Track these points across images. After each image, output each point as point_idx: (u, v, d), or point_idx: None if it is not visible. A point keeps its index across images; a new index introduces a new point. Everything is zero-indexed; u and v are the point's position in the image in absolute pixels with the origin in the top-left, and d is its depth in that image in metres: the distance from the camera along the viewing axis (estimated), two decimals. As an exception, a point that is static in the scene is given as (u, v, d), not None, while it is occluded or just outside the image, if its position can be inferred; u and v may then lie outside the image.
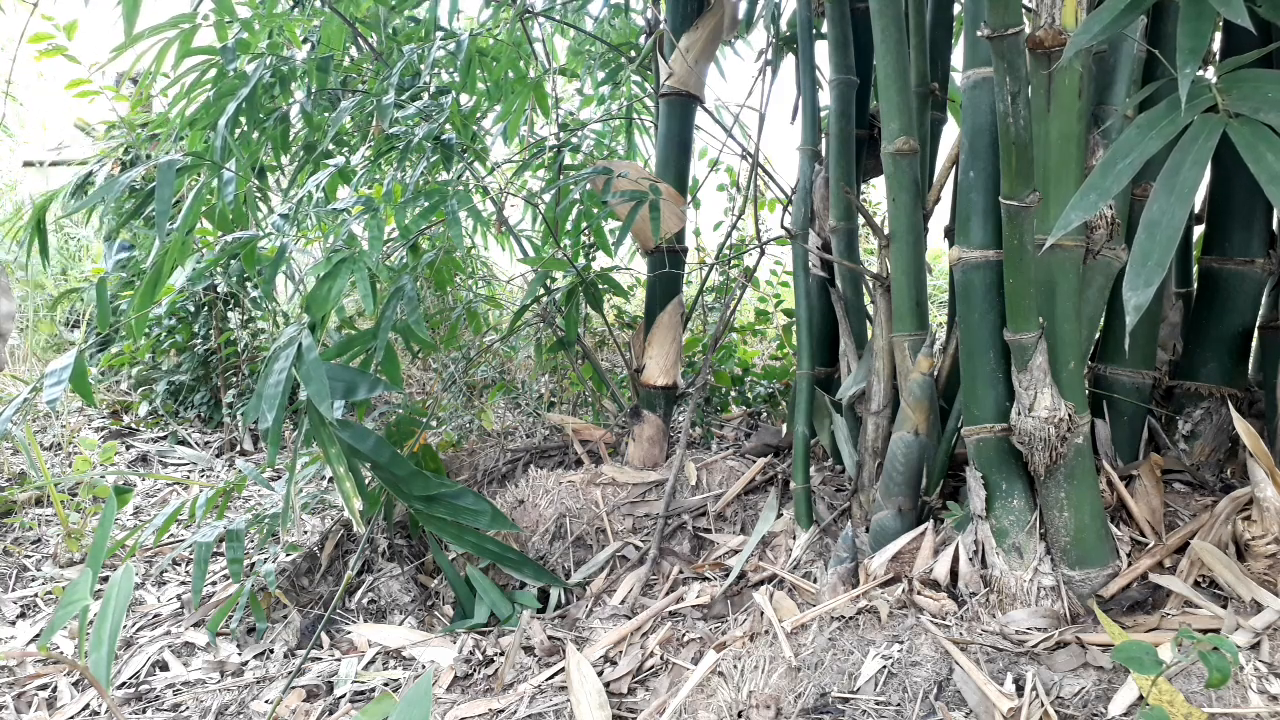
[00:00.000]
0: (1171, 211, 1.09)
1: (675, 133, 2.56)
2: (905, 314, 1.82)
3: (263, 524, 2.37)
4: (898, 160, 1.79)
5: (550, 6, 2.98)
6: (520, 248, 2.81)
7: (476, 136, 2.62)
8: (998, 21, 1.24)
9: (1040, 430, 1.46)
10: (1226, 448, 1.85)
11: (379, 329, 2.04)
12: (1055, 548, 1.56)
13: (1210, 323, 1.85)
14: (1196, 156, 1.09)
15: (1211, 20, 1.12)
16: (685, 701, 1.53)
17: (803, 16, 2.27)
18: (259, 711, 1.81)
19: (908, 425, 1.78)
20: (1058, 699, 1.32)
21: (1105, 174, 1.15)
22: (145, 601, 2.35)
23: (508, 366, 3.54)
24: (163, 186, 1.90)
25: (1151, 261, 1.08)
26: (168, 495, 3.17)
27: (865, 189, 2.57)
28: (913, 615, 1.55)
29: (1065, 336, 1.48)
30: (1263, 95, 1.10)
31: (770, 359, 3.80)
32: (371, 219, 1.90)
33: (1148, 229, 1.10)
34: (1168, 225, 1.09)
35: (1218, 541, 1.54)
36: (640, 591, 2.07)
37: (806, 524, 2.04)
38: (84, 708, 1.86)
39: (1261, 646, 1.33)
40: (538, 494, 2.37)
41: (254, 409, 1.75)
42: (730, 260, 3.36)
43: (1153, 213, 1.10)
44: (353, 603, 2.23)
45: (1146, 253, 1.09)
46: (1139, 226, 1.11)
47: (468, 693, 1.79)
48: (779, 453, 2.45)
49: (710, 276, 3.40)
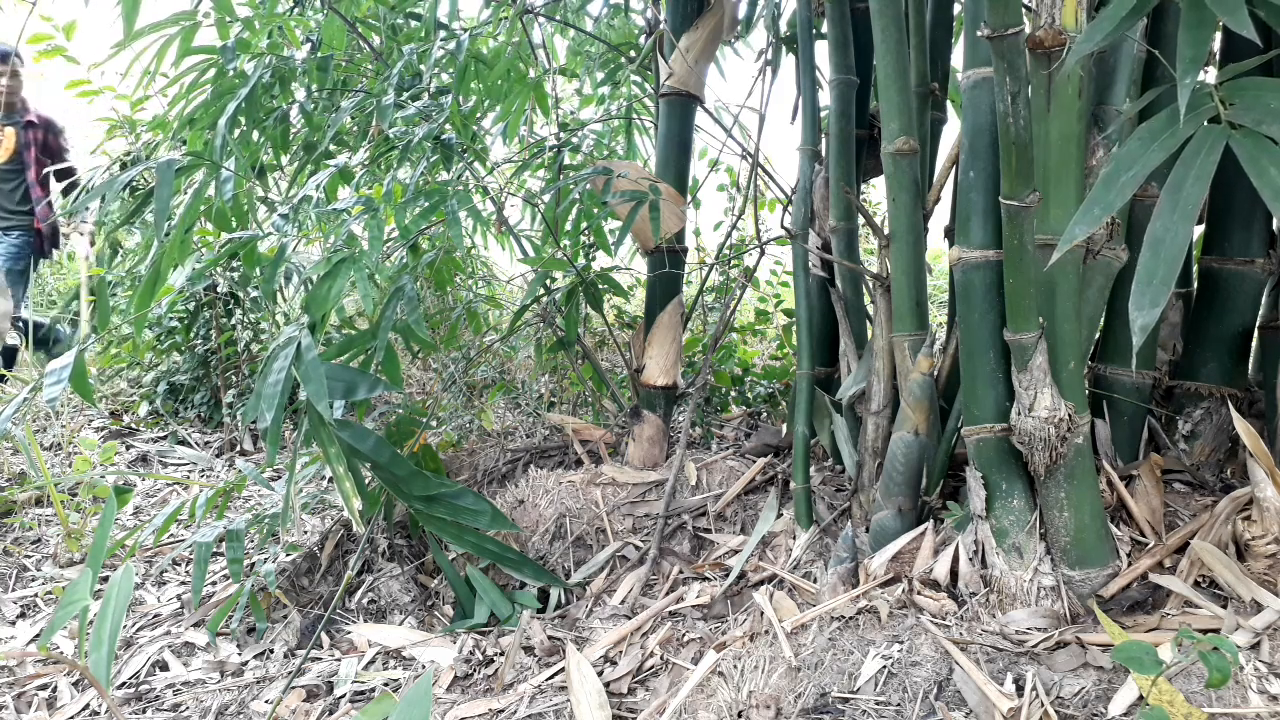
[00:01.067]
0: (1175, 229, 1.08)
1: (675, 133, 2.56)
2: (905, 314, 1.82)
3: (263, 524, 2.37)
4: (898, 160, 1.79)
5: (550, 6, 2.97)
6: (520, 248, 2.81)
7: (476, 136, 2.62)
8: (998, 21, 1.24)
9: (1040, 430, 1.46)
10: (1226, 448, 1.85)
11: (379, 329, 2.04)
12: (1055, 548, 1.56)
13: (1210, 323, 1.85)
14: (1199, 172, 1.08)
15: (1212, 28, 1.11)
16: (685, 701, 1.53)
17: (803, 16, 2.27)
18: (259, 711, 1.81)
19: (908, 425, 1.78)
20: (1058, 699, 1.33)
21: (1109, 187, 1.14)
22: (145, 601, 2.35)
23: (508, 366, 3.54)
24: (162, 186, 1.89)
25: (1157, 280, 1.07)
26: (168, 495, 3.17)
27: (865, 189, 2.57)
28: (913, 615, 1.55)
29: (1065, 336, 1.48)
30: (1265, 106, 1.09)
31: (770, 359, 3.79)
32: (371, 219, 1.90)
33: (1152, 247, 1.09)
34: (1172, 243, 1.08)
35: (1218, 541, 1.54)
36: (640, 591, 2.07)
37: (806, 524, 2.04)
38: (84, 708, 1.86)
39: (1261, 646, 1.33)
40: (538, 494, 2.36)
41: (253, 408, 1.75)
42: (730, 260, 3.36)
43: (1156, 230, 1.09)
44: (353, 603, 2.23)
45: (1151, 271, 1.08)
46: (1143, 245, 1.10)
47: (468, 693, 1.79)
48: (779, 453, 2.45)
49: (710, 276, 3.40)
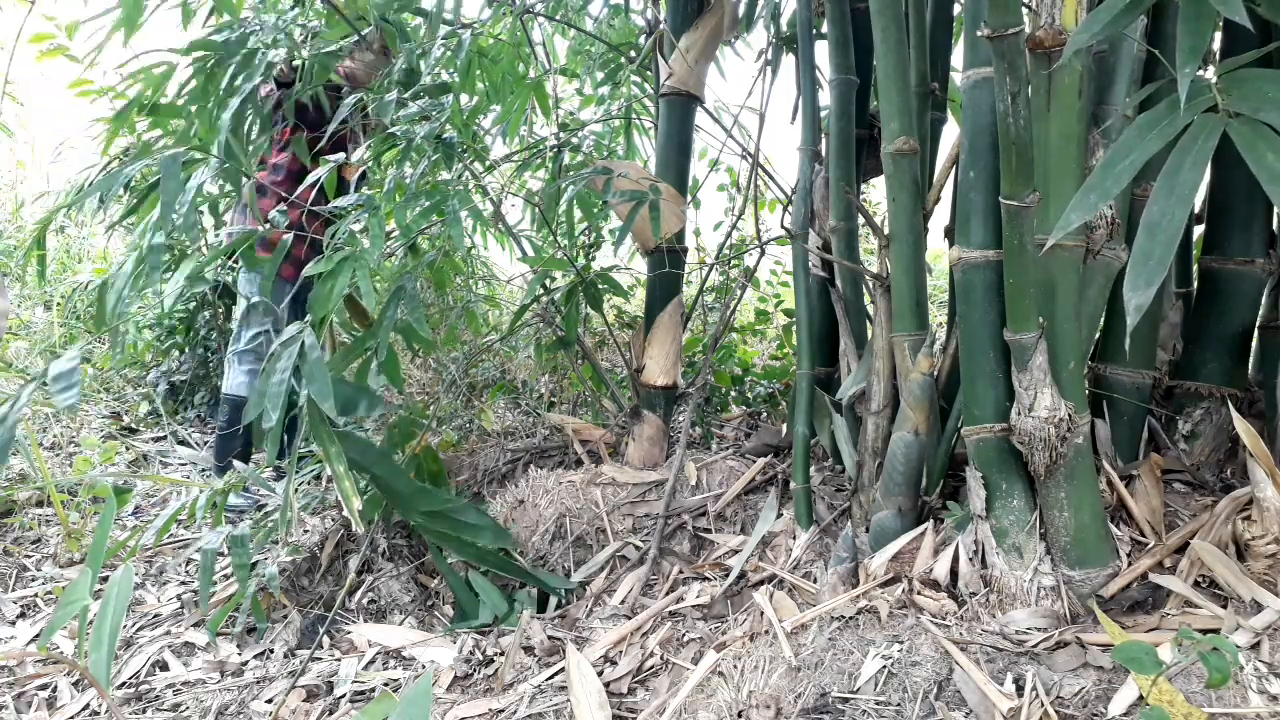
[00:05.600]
0: (1172, 212, 1.09)
1: (675, 133, 2.56)
2: (905, 314, 1.82)
3: (263, 525, 2.37)
4: (898, 160, 1.79)
5: (550, 6, 2.97)
6: (520, 248, 2.81)
7: (477, 136, 2.62)
8: (998, 21, 1.24)
9: (1040, 430, 1.46)
10: (1226, 448, 1.85)
11: (380, 328, 2.04)
12: (1055, 548, 1.56)
13: (1210, 323, 1.85)
14: (1196, 157, 1.09)
15: (1212, 20, 1.12)
16: (685, 701, 1.53)
17: (803, 16, 2.27)
18: (259, 711, 1.81)
19: (908, 425, 1.78)
20: (1058, 699, 1.32)
21: (1105, 175, 1.15)
22: (145, 601, 2.35)
23: (508, 366, 3.54)
24: (167, 179, 1.89)
25: (1152, 261, 1.08)
26: (168, 495, 3.17)
27: (865, 189, 2.57)
28: (913, 615, 1.55)
29: (1065, 336, 1.48)
30: (1262, 95, 1.10)
31: (770, 359, 3.79)
32: (372, 218, 1.90)
33: (1148, 229, 1.10)
34: (1168, 226, 1.08)
35: (1218, 541, 1.54)
36: (640, 591, 2.07)
37: (806, 524, 2.04)
38: (84, 708, 1.86)
39: (1261, 646, 1.33)
40: (538, 494, 2.36)
41: (256, 407, 1.75)
42: (730, 260, 3.36)
43: (1153, 213, 1.10)
44: (353, 603, 2.23)
45: (1147, 253, 1.09)
46: (1139, 227, 1.11)
47: (468, 693, 1.79)
48: (779, 453, 2.45)
49: (710, 276, 3.39)
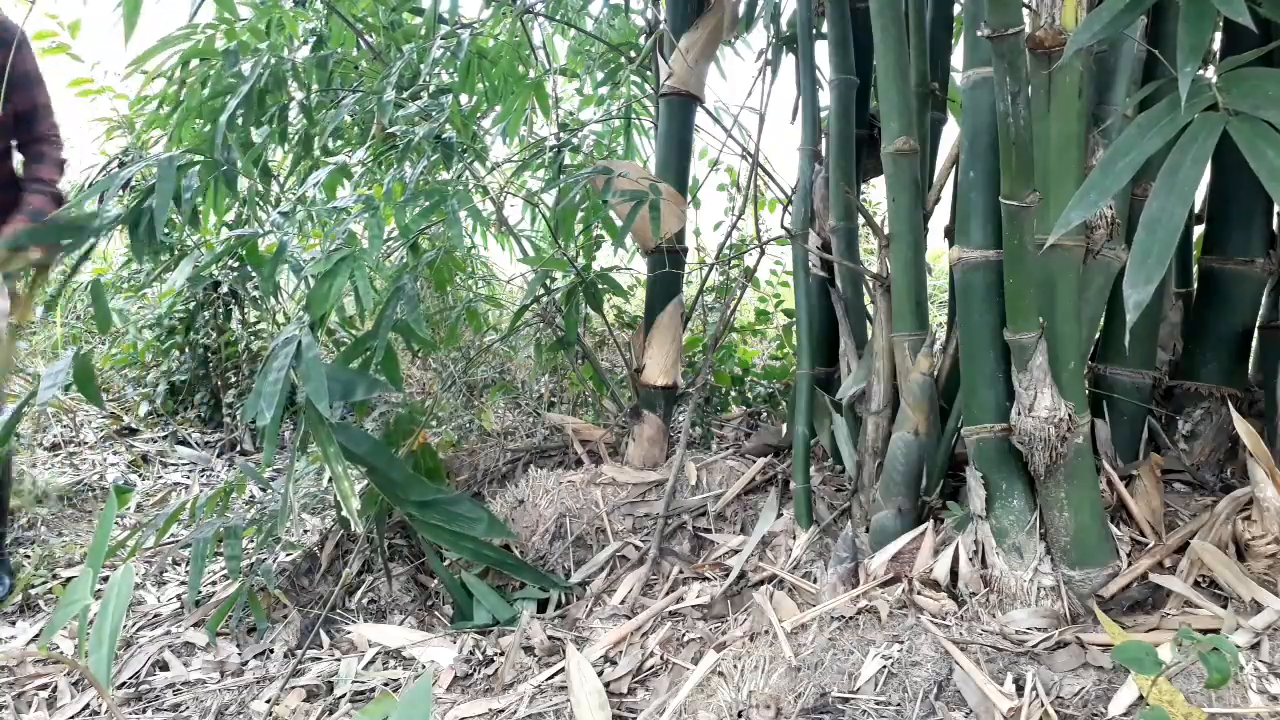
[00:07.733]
0: (1171, 210, 1.09)
1: (675, 133, 2.56)
2: (905, 314, 1.82)
3: (263, 525, 2.37)
4: (898, 160, 1.79)
5: (551, 6, 2.97)
6: (520, 248, 2.81)
7: (476, 136, 2.62)
8: (998, 21, 1.24)
9: (1040, 430, 1.46)
10: (1226, 448, 1.85)
11: (379, 329, 2.04)
12: (1055, 548, 1.56)
13: (1210, 323, 1.85)
14: (1197, 154, 1.09)
15: (1212, 18, 1.12)
16: (685, 701, 1.53)
17: (803, 16, 2.27)
18: (259, 711, 1.81)
19: (908, 425, 1.78)
20: (1058, 699, 1.32)
21: (1105, 173, 1.15)
22: (145, 601, 2.35)
23: (508, 366, 3.53)
24: (163, 182, 1.89)
25: (1151, 259, 1.08)
26: (168, 495, 3.16)
27: (865, 189, 2.57)
28: (913, 615, 1.55)
29: (1065, 336, 1.47)
30: (1263, 93, 1.10)
31: (770, 359, 3.79)
32: (371, 218, 1.90)
33: (1148, 227, 1.10)
34: (1167, 223, 1.08)
35: (1218, 541, 1.54)
36: (640, 591, 2.07)
37: (806, 524, 2.04)
38: (84, 708, 1.86)
39: (1261, 646, 1.33)
40: (538, 494, 2.36)
41: (253, 407, 1.74)
42: (730, 260, 3.36)
43: (1153, 211, 1.10)
44: (353, 603, 2.23)
45: (1146, 250, 1.09)
46: (1139, 225, 1.11)
47: (468, 693, 1.79)
48: (779, 453, 2.45)
49: (710, 276, 3.39)
